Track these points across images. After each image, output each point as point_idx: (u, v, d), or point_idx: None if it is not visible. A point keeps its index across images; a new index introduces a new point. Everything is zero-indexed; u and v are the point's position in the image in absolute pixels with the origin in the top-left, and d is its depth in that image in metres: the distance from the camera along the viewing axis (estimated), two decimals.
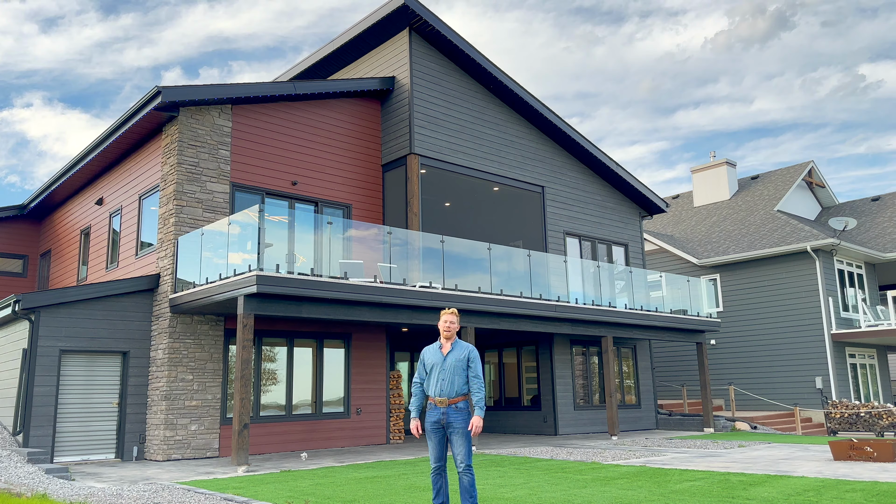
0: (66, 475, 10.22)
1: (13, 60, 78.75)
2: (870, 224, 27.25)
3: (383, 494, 8.28)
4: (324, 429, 14.77)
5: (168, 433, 12.76)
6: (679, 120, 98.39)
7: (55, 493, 8.27)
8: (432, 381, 6.48)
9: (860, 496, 7.77)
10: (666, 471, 10.24)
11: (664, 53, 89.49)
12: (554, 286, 16.68)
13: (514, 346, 19.61)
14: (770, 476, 9.52)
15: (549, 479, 9.58)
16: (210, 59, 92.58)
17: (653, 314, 18.39)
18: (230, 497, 8.06)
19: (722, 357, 24.55)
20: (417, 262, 14.40)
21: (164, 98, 13.13)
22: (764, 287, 23.91)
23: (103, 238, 16.53)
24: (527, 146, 19.07)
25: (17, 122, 79.17)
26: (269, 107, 15.23)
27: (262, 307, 11.68)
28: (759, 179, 29.82)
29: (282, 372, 14.52)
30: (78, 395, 12.86)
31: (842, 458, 11.44)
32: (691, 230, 28.42)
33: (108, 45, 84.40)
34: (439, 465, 6.41)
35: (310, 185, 15.50)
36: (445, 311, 6.62)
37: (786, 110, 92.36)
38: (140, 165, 15.24)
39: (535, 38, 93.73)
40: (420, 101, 16.51)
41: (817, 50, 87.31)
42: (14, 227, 20.59)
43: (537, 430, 18.48)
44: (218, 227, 12.88)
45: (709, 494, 8.05)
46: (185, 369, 13.16)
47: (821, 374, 22.37)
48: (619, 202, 21.65)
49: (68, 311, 12.85)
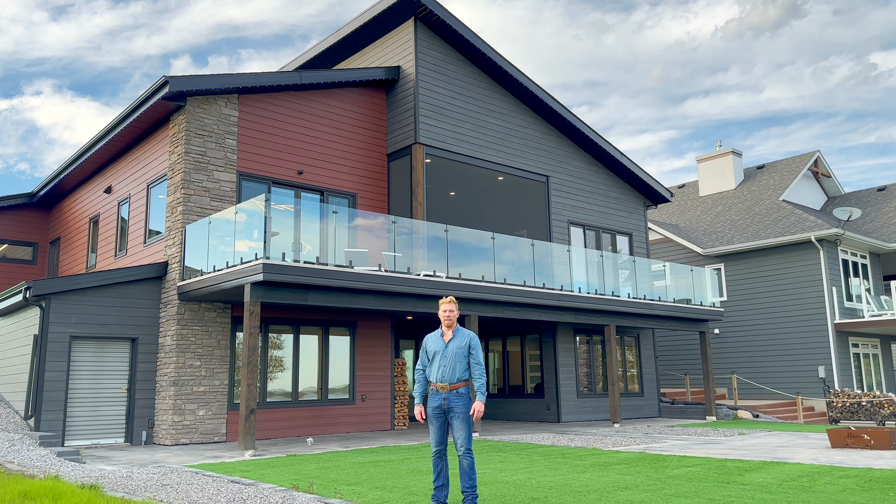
0: (77, 458, 10.46)
1: (23, 48, 79.04)
2: (875, 214, 27.24)
3: (387, 478, 8.48)
4: (329, 415, 14.99)
5: (176, 418, 13.00)
6: (688, 109, 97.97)
7: (67, 475, 8.50)
8: (434, 368, 6.64)
9: (853, 482, 7.92)
10: (665, 457, 10.41)
11: (674, 41, 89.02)
12: (558, 275, 16.81)
13: (518, 334, 19.78)
14: (766, 462, 9.68)
15: (549, 464, 9.76)
16: (219, 47, 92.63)
17: (656, 303, 18.51)
18: (237, 479, 8.27)
19: (725, 346, 24.68)
20: (422, 250, 14.55)
21: (172, 88, 13.28)
22: (768, 277, 23.98)
23: (112, 226, 16.74)
24: (531, 136, 19.15)
25: (26, 110, 79.55)
26: (276, 96, 15.37)
27: (268, 295, 11.87)
28: (765, 169, 29.81)
29: (288, 359, 14.73)
30: (88, 380, 13.11)
31: (839, 445, 11.59)
32: (696, 220, 28.47)
33: (118, 33, 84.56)
34: (440, 448, 6.58)
35: (315, 175, 15.64)
36: (444, 300, 6.76)
37: (796, 99, 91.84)
38: (148, 154, 15.42)
39: (544, 26, 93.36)
40: (425, 90, 16.61)
41: (828, 38, 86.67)
42: (24, 214, 20.84)
43: (540, 417, 18.68)
44: (225, 215, 13.05)
45: (705, 479, 8.21)
46: (192, 355, 13.39)
47: (824, 363, 22.47)
48: (623, 192, 21.72)
49: (78, 297, 13.07)
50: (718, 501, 6.85)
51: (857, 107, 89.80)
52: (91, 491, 7.21)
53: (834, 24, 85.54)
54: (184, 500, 7.02)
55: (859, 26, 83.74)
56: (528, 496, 7.22)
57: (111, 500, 6.80)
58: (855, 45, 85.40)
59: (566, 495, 7.26)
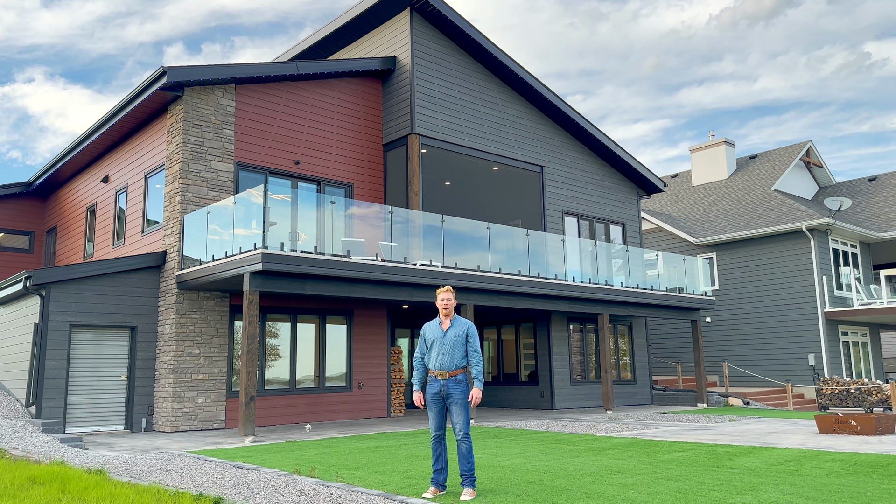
0: (80, 444, 10.63)
1: (15, 35, 78.46)
2: (866, 204, 27.53)
3: (385, 462, 8.68)
4: (326, 402, 15.19)
5: (176, 405, 13.17)
6: (683, 98, 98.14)
7: (72, 461, 8.67)
8: (433, 356, 6.83)
9: (838, 465, 8.17)
10: (656, 442, 10.65)
11: (669, 30, 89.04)
12: (552, 265, 17.01)
13: (513, 323, 20.00)
14: (755, 448, 9.93)
15: (543, 449, 9.99)
16: (212, 34, 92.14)
17: (649, 292, 18.75)
18: (240, 464, 8.46)
19: (717, 334, 24.98)
20: (418, 240, 14.71)
21: (170, 78, 13.36)
22: (759, 266, 24.26)
23: (109, 215, 16.83)
24: (526, 126, 19.30)
25: (18, 98, 79.08)
26: (272, 86, 15.45)
27: (267, 284, 12.02)
28: (758, 159, 30.04)
29: (285, 347, 14.91)
30: (88, 368, 13.26)
31: (827, 431, 11.86)
32: (689, 209, 28.71)
33: (111, 20, 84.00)
34: (439, 433, 6.78)
35: (312, 165, 15.76)
36: (441, 289, 6.95)
37: (790, 88, 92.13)
38: (145, 144, 15.50)
39: (539, 14, 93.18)
40: (421, 81, 16.71)
41: (823, 28, 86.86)
42: (20, 203, 20.88)
43: (534, 404, 18.93)
44: (223, 205, 13.18)
45: (695, 464, 8.45)
46: (191, 344, 13.54)
47: (814, 351, 22.79)
48: (617, 181, 21.91)
49: (78, 286, 13.19)
50: (708, 484, 7.08)
51: (851, 96, 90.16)
52: (98, 475, 7.38)
53: (828, 14, 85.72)
54: (189, 484, 7.20)
55: (853, 16, 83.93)
56: (523, 479, 7.43)
57: (118, 483, 6.97)
58: (849, 34, 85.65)
59: (561, 478, 7.47)
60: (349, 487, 6.92)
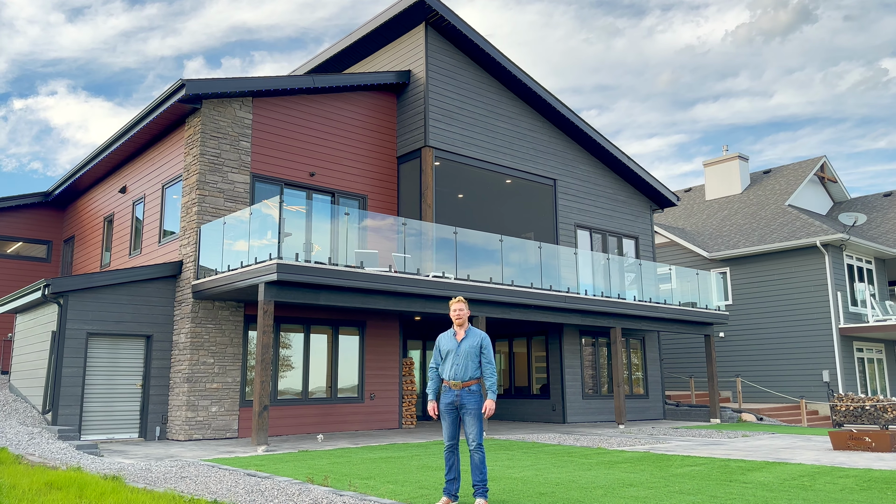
0: (95, 451, 10.74)
1: (39, 49, 79.65)
2: (881, 219, 27.37)
3: (398, 473, 8.72)
4: (338, 413, 15.25)
5: (190, 414, 13.27)
6: (698, 113, 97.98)
7: (88, 467, 8.77)
8: (447, 366, 6.89)
9: (852, 481, 8.13)
10: (669, 457, 10.62)
11: (684, 46, 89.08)
12: (564, 278, 17.03)
13: (525, 335, 20.00)
14: (769, 463, 9.89)
15: (555, 462, 9.99)
16: (232, 49, 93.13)
17: (661, 306, 18.71)
18: (254, 473, 8.52)
19: (730, 349, 24.84)
20: (431, 252, 14.80)
21: (188, 91, 13.56)
22: (773, 281, 24.14)
23: (126, 225, 17.04)
24: (539, 139, 19.39)
25: (41, 110, 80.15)
26: (289, 99, 15.64)
27: (281, 294, 12.13)
28: (772, 174, 29.96)
29: (298, 357, 14.99)
30: (103, 376, 13.39)
31: (841, 447, 11.78)
32: (702, 224, 28.64)
33: (133, 35, 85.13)
34: (452, 443, 6.82)
35: (327, 177, 15.91)
36: (454, 300, 7.01)
37: (805, 104, 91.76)
38: (163, 155, 15.70)
39: (555, 30, 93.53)
40: (435, 94, 16.86)
41: (839, 44, 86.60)
42: (39, 213, 21.17)
43: (546, 418, 18.89)
44: (239, 216, 13.32)
45: (708, 478, 8.43)
46: (206, 353, 13.66)
47: (828, 367, 22.61)
48: (630, 195, 21.93)
49: (95, 295, 13.36)
50: (721, 498, 7.07)
51: (867, 112, 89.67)
52: (114, 482, 7.47)
53: (845, 30, 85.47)
54: (204, 491, 7.28)
55: (870, 32, 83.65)
56: (535, 491, 7.45)
57: (134, 490, 7.05)
58: (865, 50, 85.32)
59: (573, 491, 7.48)
60: (362, 497, 6.97)
